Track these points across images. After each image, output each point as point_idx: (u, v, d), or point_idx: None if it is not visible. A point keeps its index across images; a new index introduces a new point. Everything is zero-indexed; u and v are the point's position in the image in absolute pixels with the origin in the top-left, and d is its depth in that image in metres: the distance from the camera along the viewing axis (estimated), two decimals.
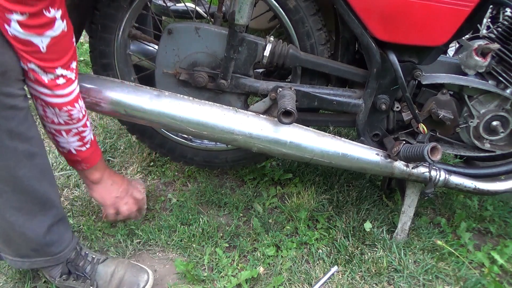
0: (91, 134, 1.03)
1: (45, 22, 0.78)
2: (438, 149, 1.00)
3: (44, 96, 0.89)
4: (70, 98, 0.92)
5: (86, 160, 1.04)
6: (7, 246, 0.99)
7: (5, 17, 0.75)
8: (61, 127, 0.95)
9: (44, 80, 0.86)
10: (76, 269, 1.04)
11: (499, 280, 1.15)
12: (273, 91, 1.12)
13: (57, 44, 0.83)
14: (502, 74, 1.10)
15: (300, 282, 1.13)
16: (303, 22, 1.09)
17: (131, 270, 1.07)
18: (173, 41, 1.10)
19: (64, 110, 0.92)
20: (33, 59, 0.82)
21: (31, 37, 0.79)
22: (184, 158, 1.38)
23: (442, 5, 0.98)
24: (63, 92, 0.90)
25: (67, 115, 0.93)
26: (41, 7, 0.76)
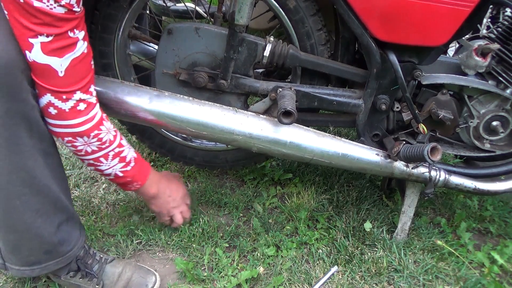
0: (132, 151, 1.02)
1: (68, 44, 0.78)
2: (438, 149, 1.00)
3: (69, 128, 0.87)
4: (94, 121, 0.90)
5: (135, 179, 1.03)
6: (16, 255, 0.96)
7: (27, 42, 0.75)
8: (97, 154, 0.94)
9: (65, 110, 0.84)
10: (86, 267, 1.04)
11: (499, 280, 1.15)
12: (273, 91, 1.12)
13: (76, 67, 0.82)
14: (502, 74, 1.09)
15: (300, 282, 1.13)
16: (303, 22, 1.09)
17: (139, 272, 1.08)
18: (173, 41, 1.10)
19: (92, 136, 0.90)
20: (49, 86, 0.81)
21: (51, 61, 0.78)
22: (184, 158, 1.39)
23: (442, 5, 0.98)
24: (86, 118, 0.88)
25: (96, 140, 0.91)
26: (67, 29, 0.76)
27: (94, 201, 1.36)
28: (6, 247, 0.95)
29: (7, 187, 0.85)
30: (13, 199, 0.87)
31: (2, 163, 0.82)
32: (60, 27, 0.75)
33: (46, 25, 0.74)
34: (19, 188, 0.86)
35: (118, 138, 0.98)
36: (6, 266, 0.98)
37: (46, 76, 0.80)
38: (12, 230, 0.91)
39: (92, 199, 1.36)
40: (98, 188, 1.42)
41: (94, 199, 1.36)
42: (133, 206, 1.35)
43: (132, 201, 1.36)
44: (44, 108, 0.84)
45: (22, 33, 0.74)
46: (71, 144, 0.91)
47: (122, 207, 1.34)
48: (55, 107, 0.83)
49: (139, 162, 1.03)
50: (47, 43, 0.75)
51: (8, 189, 0.85)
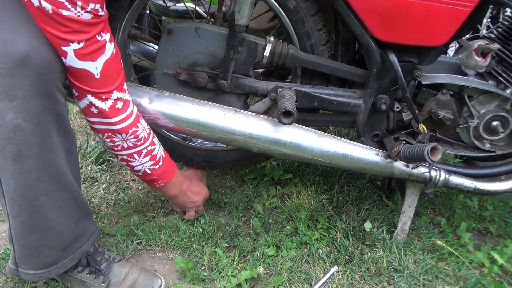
0: (161, 151, 1.06)
1: (98, 47, 0.82)
2: (438, 149, 1.00)
3: (109, 125, 0.92)
4: (132, 118, 0.94)
5: (161, 177, 1.08)
6: (35, 257, 0.95)
7: (61, 50, 0.78)
8: (131, 150, 0.99)
9: (105, 109, 0.88)
10: (95, 263, 1.04)
11: (499, 280, 1.15)
12: (273, 91, 1.12)
13: (109, 67, 0.85)
14: (502, 74, 1.10)
15: (300, 282, 1.13)
16: (303, 22, 1.09)
17: (145, 274, 1.09)
18: (173, 41, 1.10)
19: (130, 133, 0.95)
20: (89, 88, 0.85)
21: (86, 65, 0.81)
22: (184, 158, 1.38)
23: (442, 5, 0.98)
24: (124, 115, 0.92)
25: (133, 137, 0.96)
26: (95, 33, 0.80)
27: (94, 201, 1.36)
28: (24, 251, 0.94)
29: (36, 184, 0.86)
30: (41, 196, 0.88)
31: (34, 160, 0.83)
32: (89, 32, 0.78)
33: (75, 32, 0.77)
34: (46, 185, 0.88)
35: (151, 136, 1.02)
36: (19, 272, 0.97)
37: (85, 79, 0.83)
38: (35, 230, 0.91)
39: (92, 199, 1.36)
40: (98, 188, 1.42)
41: (94, 199, 1.36)
42: (133, 206, 1.35)
43: (132, 201, 1.36)
44: (86, 108, 0.88)
45: (55, 43, 0.78)
46: (110, 140, 0.95)
47: (122, 207, 1.34)
48: (96, 107, 0.88)
49: (167, 161, 1.08)
50: (79, 49, 0.79)
51: (37, 186, 0.86)
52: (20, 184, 0.85)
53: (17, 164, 0.82)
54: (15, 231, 0.91)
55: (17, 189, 0.85)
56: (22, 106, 0.77)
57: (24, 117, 0.78)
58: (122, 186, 1.43)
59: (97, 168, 1.49)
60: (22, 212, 0.88)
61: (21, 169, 0.83)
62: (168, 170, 1.09)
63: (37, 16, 0.76)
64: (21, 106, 0.77)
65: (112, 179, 1.46)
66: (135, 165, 1.03)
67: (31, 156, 0.83)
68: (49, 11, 0.74)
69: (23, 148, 0.81)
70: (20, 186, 0.85)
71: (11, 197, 0.87)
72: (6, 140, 0.79)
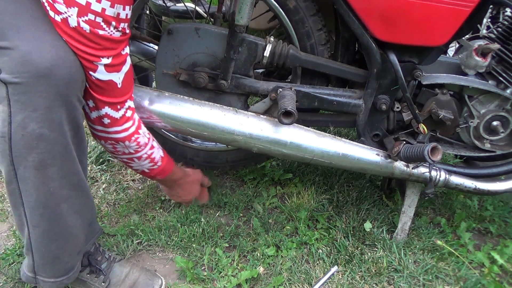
0: (160, 151, 1.10)
1: (123, 60, 0.87)
2: (439, 149, 1.00)
3: (115, 134, 0.95)
4: (135, 126, 0.98)
5: (157, 175, 1.13)
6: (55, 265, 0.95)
7: (93, 65, 0.82)
8: (132, 155, 1.03)
9: (117, 118, 0.93)
10: (96, 263, 1.04)
11: (499, 280, 1.16)
12: (273, 92, 1.12)
13: (127, 77, 0.90)
14: (502, 74, 1.10)
15: (300, 282, 1.13)
16: (303, 22, 1.09)
17: (146, 274, 1.09)
18: (173, 42, 1.10)
19: (132, 140, 0.99)
20: (109, 98, 0.89)
21: (112, 76, 0.86)
22: (185, 158, 1.38)
23: (442, 5, 0.98)
24: (130, 123, 0.96)
25: (135, 144, 1.00)
26: (121, 49, 0.85)
27: (94, 201, 1.36)
28: (44, 259, 0.93)
29: (58, 191, 0.86)
30: (62, 203, 0.88)
31: (57, 168, 0.84)
32: (117, 49, 0.84)
33: (107, 49, 0.82)
34: (67, 191, 0.88)
35: (151, 140, 1.06)
36: (38, 280, 0.96)
37: (108, 90, 0.87)
38: (56, 238, 0.91)
39: None
40: (98, 188, 1.42)
41: (94, 199, 1.36)
42: (133, 206, 1.35)
43: (132, 201, 1.36)
44: (98, 119, 0.92)
45: (87, 59, 0.81)
46: (112, 146, 0.99)
47: (122, 207, 1.34)
48: (109, 117, 0.91)
49: (165, 160, 1.12)
50: (108, 64, 0.83)
51: (59, 194, 0.86)
52: (43, 194, 0.84)
53: (40, 173, 0.82)
54: (35, 240, 0.90)
55: (39, 199, 0.85)
56: (47, 115, 0.77)
57: (48, 126, 0.78)
58: (122, 186, 1.43)
59: (97, 168, 1.49)
60: (44, 221, 0.88)
61: (45, 178, 0.83)
62: (165, 169, 1.13)
63: (70, 36, 0.78)
64: (45, 116, 0.77)
65: (112, 179, 1.46)
66: (134, 166, 1.07)
67: (54, 165, 0.83)
68: (87, 31, 0.78)
69: (47, 157, 0.81)
70: (43, 195, 0.84)
71: (32, 206, 0.86)
72: (28, 149, 0.79)
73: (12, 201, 0.86)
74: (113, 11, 0.79)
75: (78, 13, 0.76)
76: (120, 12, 0.80)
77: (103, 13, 0.78)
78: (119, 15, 0.80)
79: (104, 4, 0.77)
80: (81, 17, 0.76)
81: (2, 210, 1.33)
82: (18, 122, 0.76)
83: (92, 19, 0.77)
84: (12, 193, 0.85)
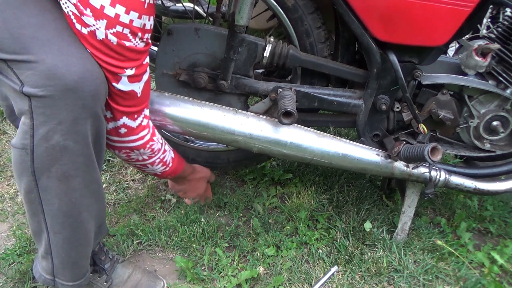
0: (171, 152, 1.11)
1: (144, 70, 0.87)
2: (439, 150, 1.00)
3: (131, 143, 0.95)
4: (150, 133, 0.98)
5: (169, 175, 1.16)
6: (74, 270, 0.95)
7: (117, 76, 0.82)
8: (146, 161, 1.04)
9: (134, 127, 0.93)
10: (99, 262, 1.05)
11: (499, 280, 1.16)
12: (273, 92, 1.12)
13: (146, 85, 0.90)
14: (502, 74, 1.09)
15: (300, 282, 1.13)
16: (302, 20, 1.09)
17: (148, 276, 1.10)
18: (173, 42, 1.10)
19: (147, 147, 0.99)
20: (127, 108, 0.88)
21: (134, 86, 0.86)
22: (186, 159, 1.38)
23: (442, 6, 0.98)
24: (146, 131, 0.96)
25: (149, 150, 1.00)
26: (144, 58, 0.85)
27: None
28: (64, 264, 0.94)
29: (80, 200, 0.86)
30: (83, 212, 0.88)
31: (80, 179, 0.84)
32: (140, 59, 0.84)
33: (131, 60, 0.82)
34: (89, 199, 0.88)
35: (163, 145, 1.06)
36: (56, 283, 0.97)
37: (128, 99, 0.87)
38: (77, 245, 0.91)
39: None
40: None
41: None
42: (133, 206, 1.35)
43: (132, 201, 1.37)
44: (115, 129, 0.91)
45: (112, 71, 0.81)
46: (126, 155, 0.99)
47: (122, 207, 1.34)
48: (126, 127, 0.91)
49: (175, 161, 1.13)
50: (132, 75, 0.83)
51: (81, 203, 0.86)
52: (65, 203, 0.84)
53: (63, 184, 0.82)
54: (55, 245, 0.90)
55: (61, 208, 0.85)
56: (72, 128, 0.77)
57: (73, 139, 0.78)
58: (122, 186, 1.43)
59: None
60: (65, 229, 0.88)
61: (67, 189, 0.83)
62: (176, 169, 1.15)
63: (97, 48, 0.78)
64: (70, 128, 0.77)
65: (112, 179, 1.46)
66: (147, 170, 1.08)
67: (78, 175, 0.83)
68: (114, 43, 0.77)
69: (70, 168, 0.81)
70: (65, 205, 0.84)
71: (54, 215, 0.86)
72: (52, 161, 0.79)
73: (31, 209, 0.86)
74: (140, 22, 0.78)
75: (107, 26, 0.75)
76: (146, 23, 0.80)
77: (130, 25, 0.77)
78: (145, 26, 0.80)
79: (132, 15, 0.76)
80: (109, 29, 0.76)
81: (2, 210, 1.33)
82: (41, 134, 0.76)
83: (120, 31, 0.77)
84: (32, 202, 0.84)
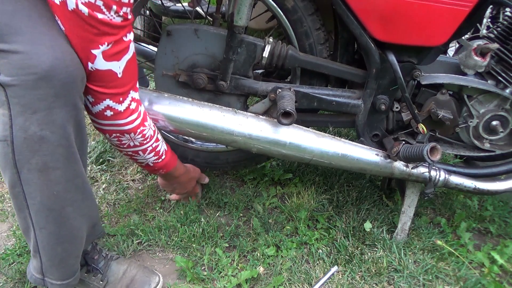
0: (164, 145, 1.09)
1: (124, 47, 0.83)
2: (438, 149, 1.00)
3: (120, 126, 0.93)
4: (141, 118, 0.96)
5: (162, 169, 1.12)
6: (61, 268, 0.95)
7: (90, 54, 0.79)
8: (137, 148, 1.01)
9: (121, 111, 0.90)
10: (92, 262, 1.05)
11: (499, 280, 1.15)
12: (272, 92, 1.12)
13: (130, 66, 0.86)
14: (501, 74, 1.09)
15: (300, 282, 1.13)
16: (301, 22, 1.09)
17: (143, 271, 1.09)
18: (173, 43, 1.10)
19: (138, 132, 0.96)
20: (109, 90, 0.85)
21: (112, 65, 0.83)
22: (185, 159, 1.39)
23: (441, 5, 0.98)
24: (135, 115, 0.93)
25: (140, 136, 0.98)
26: (122, 35, 0.82)
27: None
28: (51, 261, 0.93)
29: (63, 194, 0.86)
30: (67, 207, 0.87)
31: (61, 171, 0.83)
32: (117, 34, 0.80)
33: (106, 34, 0.79)
34: (73, 194, 0.87)
35: (156, 133, 1.04)
36: (45, 282, 0.96)
37: (107, 80, 0.84)
38: (62, 240, 0.91)
39: None
40: (98, 188, 1.42)
41: None
42: (133, 206, 1.35)
43: (132, 201, 1.37)
44: (100, 112, 0.89)
45: (84, 47, 0.78)
46: (117, 139, 0.96)
47: (122, 207, 1.35)
48: (111, 110, 0.88)
49: (168, 154, 1.11)
50: (107, 51, 0.80)
51: (64, 197, 0.86)
52: (47, 196, 0.84)
53: (44, 176, 0.81)
54: (42, 241, 0.90)
55: (43, 201, 0.84)
56: (47, 117, 0.77)
57: (49, 129, 0.78)
58: (122, 186, 1.44)
59: (97, 168, 1.50)
60: (49, 224, 0.88)
61: (48, 181, 0.82)
62: (169, 163, 1.13)
63: (69, 19, 0.76)
64: (46, 118, 0.76)
65: (112, 179, 1.46)
66: (139, 159, 1.05)
67: (58, 167, 0.82)
68: (85, 13, 0.75)
69: (50, 159, 0.80)
70: (47, 198, 0.84)
71: (38, 209, 0.85)
72: (31, 152, 0.78)
73: (17, 204, 0.86)
74: None
75: None
76: None
77: None
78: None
79: None
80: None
81: (2, 210, 1.33)
82: (19, 125, 0.76)
83: (92, 1, 0.74)
84: (17, 196, 0.84)
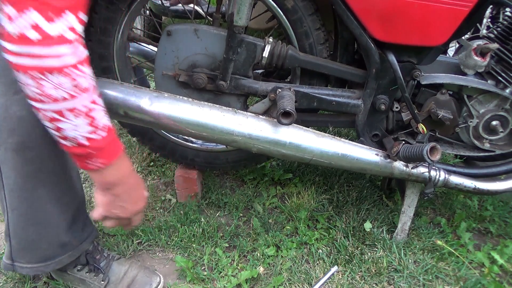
0: (106, 118, 0.77)
1: None
2: (438, 149, 1.00)
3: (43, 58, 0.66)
4: (77, 58, 0.69)
5: (100, 154, 0.77)
6: (32, 250, 0.95)
7: None
8: (62, 103, 0.70)
9: (51, 34, 0.65)
10: (94, 261, 1.05)
11: (499, 280, 1.15)
12: (272, 92, 1.12)
13: None
14: (501, 74, 1.09)
15: (300, 282, 1.13)
16: (301, 22, 1.09)
17: (144, 271, 1.10)
18: (173, 43, 1.10)
19: (67, 74, 0.68)
20: None
21: None
22: (185, 159, 1.39)
23: (440, 5, 0.98)
24: (68, 49, 0.67)
25: (70, 81, 0.69)
26: None
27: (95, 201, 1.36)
28: (21, 244, 0.94)
29: (36, 174, 0.86)
30: (40, 188, 0.87)
31: (36, 152, 0.83)
32: None
33: None
34: (46, 175, 0.87)
35: (94, 91, 0.74)
36: (15, 267, 0.97)
37: None
38: (34, 222, 0.91)
39: (92, 199, 1.37)
40: None
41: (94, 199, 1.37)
42: None
43: None
44: (22, 35, 0.64)
45: None
46: (35, 82, 0.68)
47: None
48: (38, 30, 0.64)
49: (112, 135, 0.79)
50: None
51: (37, 177, 0.86)
52: (20, 176, 0.85)
53: (19, 155, 0.82)
54: (13, 223, 0.91)
55: (17, 181, 0.85)
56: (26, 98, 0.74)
57: (28, 109, 0.77)
58: None
59: None
60: (22, 204, 0.88)
61: (23, 161, 0.83)
62: (112, 147, 0.79)
63: None
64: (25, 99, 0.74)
65: None
66: (66, 128, 0.73)
67: (33, 148, 0.82)
68: None
69: (26, 139, 0.81)
70: (21, 177, 0.85)
71: (11, 189, 0.87)
72: (9, 131, 0.80)
73: None
74: None
75: None
76: None
77: None
78: None
79: None
80: None
81: None
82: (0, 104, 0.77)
83: None
84: None
